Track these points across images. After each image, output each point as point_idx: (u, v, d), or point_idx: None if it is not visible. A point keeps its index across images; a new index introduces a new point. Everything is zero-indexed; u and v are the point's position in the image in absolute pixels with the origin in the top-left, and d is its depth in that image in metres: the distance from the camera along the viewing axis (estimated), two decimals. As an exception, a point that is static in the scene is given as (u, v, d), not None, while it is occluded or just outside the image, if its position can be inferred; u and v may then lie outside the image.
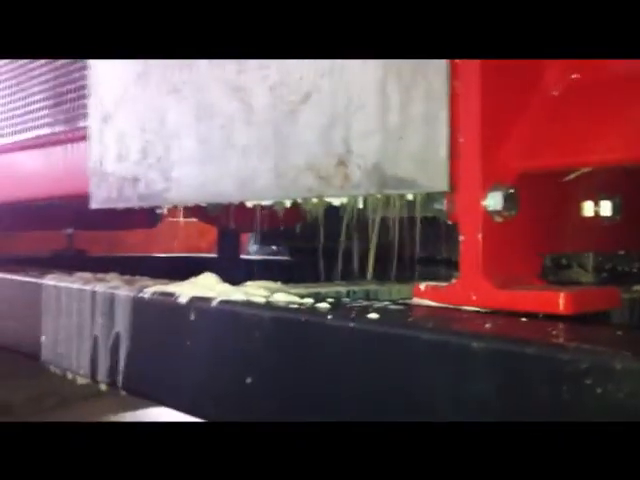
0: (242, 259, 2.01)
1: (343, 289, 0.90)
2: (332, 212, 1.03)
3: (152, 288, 0.85)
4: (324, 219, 1.02)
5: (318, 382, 0.63)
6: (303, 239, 1.44)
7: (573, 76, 0.69)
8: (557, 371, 0.47)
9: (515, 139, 0.68)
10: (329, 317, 0.63)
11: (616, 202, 0.79)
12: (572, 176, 0.67)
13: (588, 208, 0.79)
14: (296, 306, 0.69)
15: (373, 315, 0.61)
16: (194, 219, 1.94)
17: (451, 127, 0.68)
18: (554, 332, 0.54)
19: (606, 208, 0.79)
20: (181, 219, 2.25)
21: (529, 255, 0.71)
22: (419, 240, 0.93)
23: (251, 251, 2.17)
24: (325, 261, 1.23)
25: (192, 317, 0.76)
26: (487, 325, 0.58)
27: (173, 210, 1.50)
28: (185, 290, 0.81)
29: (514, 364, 0.49)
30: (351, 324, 0.60)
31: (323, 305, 0.68)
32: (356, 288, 0.90)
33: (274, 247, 1.98)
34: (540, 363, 0.48)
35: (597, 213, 0.79)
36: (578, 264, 1.09)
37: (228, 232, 1.59)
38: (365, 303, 0.72)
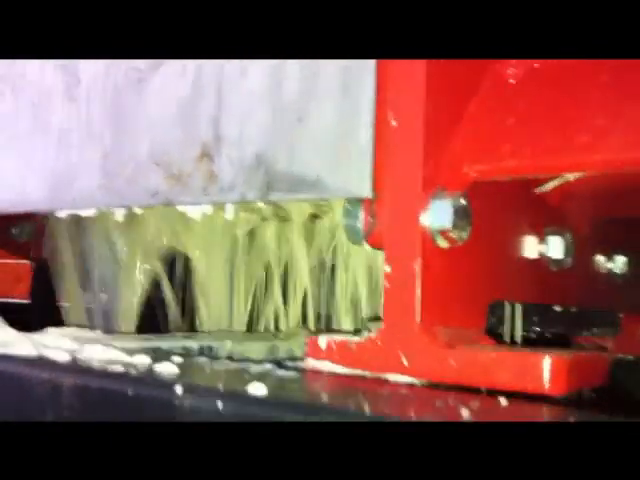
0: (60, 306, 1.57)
1: (193, 343, 0.63)
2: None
3: None
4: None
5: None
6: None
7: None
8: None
9: (468, 131, 0.46)
10: (177, 392, 0.36)
11: (567, 240, 0.59)
12: (549, 186, 0.46)
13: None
14: (120, 369, 0.42)
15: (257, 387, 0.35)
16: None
17: (378, 103, 0.46)
18: None
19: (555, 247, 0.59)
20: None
21: (476, 301, 0.49)
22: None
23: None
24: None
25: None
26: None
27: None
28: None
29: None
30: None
31: (167, 367, 0.41)
32: (214, 343, 0.63)
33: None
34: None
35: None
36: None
37: (43, 266, 1.11)
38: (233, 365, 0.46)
